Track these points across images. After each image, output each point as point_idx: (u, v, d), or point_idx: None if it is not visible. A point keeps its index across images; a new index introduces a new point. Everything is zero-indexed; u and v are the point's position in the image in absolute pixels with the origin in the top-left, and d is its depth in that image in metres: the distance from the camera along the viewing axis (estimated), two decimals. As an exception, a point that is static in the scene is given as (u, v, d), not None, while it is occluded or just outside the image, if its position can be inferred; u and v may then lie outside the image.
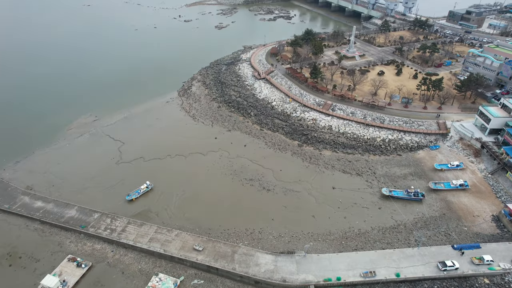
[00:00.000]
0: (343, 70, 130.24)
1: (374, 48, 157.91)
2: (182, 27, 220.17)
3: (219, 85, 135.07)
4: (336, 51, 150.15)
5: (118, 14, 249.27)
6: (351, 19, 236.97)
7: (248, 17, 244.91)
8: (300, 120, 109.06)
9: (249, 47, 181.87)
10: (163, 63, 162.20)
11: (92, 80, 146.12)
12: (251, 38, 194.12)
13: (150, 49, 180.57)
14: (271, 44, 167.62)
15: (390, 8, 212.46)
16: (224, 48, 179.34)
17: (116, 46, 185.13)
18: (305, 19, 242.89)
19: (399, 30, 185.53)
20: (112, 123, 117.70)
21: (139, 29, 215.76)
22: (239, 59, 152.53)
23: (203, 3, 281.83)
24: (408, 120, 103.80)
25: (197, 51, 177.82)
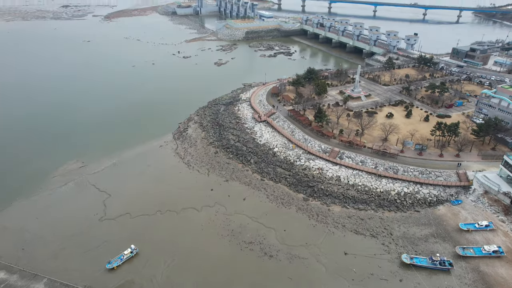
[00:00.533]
0: (349, 112, 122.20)
1: (379, 87, 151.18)
2: (180, 64, 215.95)
3: (217, 128, 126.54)
4: (340, 91, 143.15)
5: (117, 50, 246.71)
6: (352, 55, 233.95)
7: (248, 53, 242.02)
8: (305, 170, 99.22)
9: (249, 85, 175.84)
10: (159, 102, 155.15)
11: (82, 121, 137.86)
12: (251, 76, 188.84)
13: (146, 87, 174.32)
14: (271, 83, 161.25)
15: (392, 45, 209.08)
16: (223, 86, 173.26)
17: (110, 84, 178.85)
18: (305, 55, 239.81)
19: (403, 67, 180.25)
20: (100, 170, 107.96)
21: (137, 65, 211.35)
22: (238, 98, 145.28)
23: (203, 39, 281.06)
24: (424, 171, 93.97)
25: (195, 89, 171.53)
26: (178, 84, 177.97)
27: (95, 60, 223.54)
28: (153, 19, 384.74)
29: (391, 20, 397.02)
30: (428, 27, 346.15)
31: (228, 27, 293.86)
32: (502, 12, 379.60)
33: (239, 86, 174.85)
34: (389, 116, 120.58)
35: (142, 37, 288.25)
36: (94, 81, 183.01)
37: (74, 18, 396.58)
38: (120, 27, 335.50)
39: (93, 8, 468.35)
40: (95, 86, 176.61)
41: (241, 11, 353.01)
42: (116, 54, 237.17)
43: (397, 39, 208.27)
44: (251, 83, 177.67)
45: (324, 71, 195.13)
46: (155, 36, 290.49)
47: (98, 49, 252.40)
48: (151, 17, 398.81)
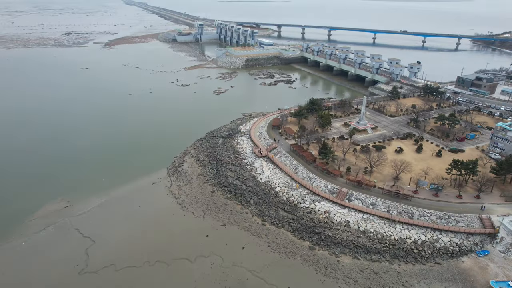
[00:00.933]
0: (356, 147, 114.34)
1: (386, 119, 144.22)
2: (179, 92, 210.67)
3: (215, 163, 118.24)
4: (345, 123, 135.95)
5: (114, 78, 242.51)
6: (354, 83, 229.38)
7: (248, 81, 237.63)
8: (310, 213, 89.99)
9: (249, 115, 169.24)
10: (155, 133, 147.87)
11: (71, 155, 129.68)
12: (251, 105, 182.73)
13: (142, 117, 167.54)
14: (272, 113, 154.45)
15: (395, 73, 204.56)
16: (222, 116, 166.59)
17: (104, 114, 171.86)
18: (306, 83, 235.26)
19: (408, 96, 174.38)
20: (86, 211, 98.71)
21: (134, 94, 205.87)
22: (237, 131, 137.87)
23: (202, 67, 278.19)
24: (443, 215, 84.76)
25: (193, 119, 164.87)
26: (175, 114, 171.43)
27: (91, 88, 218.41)
28: (153, 46, 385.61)
29: (391, 47, 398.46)
30: (428, 54, 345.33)
31: (228, 54, 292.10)
32: (500, 40, 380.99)
33: (238, 116, 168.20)
34: (398, 151, 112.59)
35: (141, 64, 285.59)
36: (87, 111, 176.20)
37: (75, 45, 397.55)
38: (119, 54, 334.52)
39: (95, 36, 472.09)
40: (87, 116, 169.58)
41: (241, 39, 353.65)
42: (113, 82, 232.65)
43: (400, 67, 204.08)
44: (251, 113, 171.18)
45: (326, 100, 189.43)
46: (154, 63, 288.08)
47: (96, 76, 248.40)
48: (151, 44, 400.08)
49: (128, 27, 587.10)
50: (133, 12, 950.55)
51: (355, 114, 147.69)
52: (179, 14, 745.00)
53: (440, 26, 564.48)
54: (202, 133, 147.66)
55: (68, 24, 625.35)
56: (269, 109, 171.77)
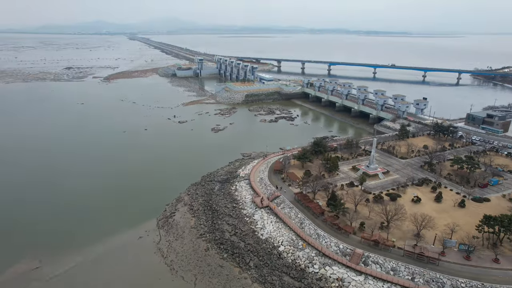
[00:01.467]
0: (368, 195, 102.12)
1: (396, 161, 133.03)
2: (175, 130, 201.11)
3: (210, 213, 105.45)
4: (353, 167, 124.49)
5: (109, 114, 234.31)
6: (358, 120, 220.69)
7: (247, 118, 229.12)
8: (320, 280, 76.13)
9: (249, 155, 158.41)
10: (146, 176, 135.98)
11: (46, 199, 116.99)
12: (251, 144, 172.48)
13: (134, 157, 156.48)
14: (274, 154, 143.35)
15: (401, 110, 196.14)
16: (220, 156, 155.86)
17: (93, 154, 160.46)
18: (308, 120, 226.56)
19: (418, 135, 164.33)
20: (57, 275, 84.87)
21: (128, 131, 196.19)
22: (236, 175, 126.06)
23: (201, 102, 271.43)
24: (481, 286, 71.03)
25: (189, 159, 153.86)
26: (170, 154, 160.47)
27: (84, 124, 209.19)
28: (152, 81, 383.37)
29: (391, 81, 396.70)
30: (430, 89, 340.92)
31: (228, 90, 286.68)
32: (501, 75, 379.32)
33: (237, 156, 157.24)
34: (416, 201, 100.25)
35: (139, 99, 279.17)
36: (74, 150, 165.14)
37: (74, 79, 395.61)
38: (117, 89, 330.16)
39: (95, 70, 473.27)
40: (72, 156, 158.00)
41: (241, 74, 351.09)
42: (108, 118, 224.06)
43: (406, 104, 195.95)
44: (250, 153, 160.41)
45: (330, 139, 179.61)
46: (152, 98, 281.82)
47: (90, 112, 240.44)
48: (150, 79, 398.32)
49: (129, 61, 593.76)
50: (135, 47, 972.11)
51: (364, 156, 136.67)
52: (180, 49, 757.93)
53: (437, 61, 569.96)
54: (198, 176, 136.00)
55: (70, 58, 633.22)
56: (270, 149, 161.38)
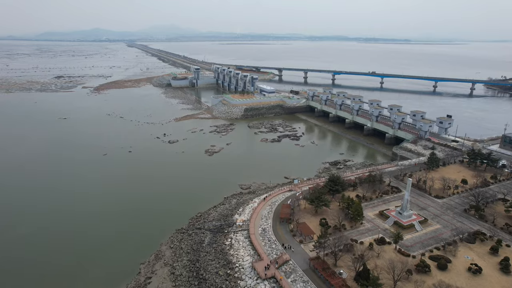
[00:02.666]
0: (407, 260, 75.71)
1: (431, 201, 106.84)
2: (164, 151, 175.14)
3: (196, 283, 78.99)
4: (380, 212, 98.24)
5: (92, 131, 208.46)
6: (372, 139, 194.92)
7: (246, 137, 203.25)
8: None
9: (248, 187, 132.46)
10: (119, 219, 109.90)
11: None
12: (251, 171, 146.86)
13: (109, 191, 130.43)
14: (279, 191, 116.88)
15: (423, 130, 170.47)
16: (214, 188, 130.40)
17: (59, 188, 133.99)
18: (314, 138, 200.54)
19: (449, 163, 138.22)
20: None
21: (109, 153, 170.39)
22: (231, 221, 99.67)
23: (195, 117, 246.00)
24: None
25: (176, 193, 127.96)
26: (154, 185, 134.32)
27: (58, 145, 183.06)
28: (145, 91, 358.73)
29: (400, 92, 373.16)
30: (444, 101, 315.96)
31: (225, 103, 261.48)
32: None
33: (234, 188, 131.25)
34: (474, 272, 73.81)
35: (127, 113, 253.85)
36: (36, 183, 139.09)
37: (62, 90, 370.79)
38: (106, 101, 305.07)
39: (86, 79, 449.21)
40: (35, 190, 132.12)
41: (240, 85, 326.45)
42: (89, 137, 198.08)
43: (429, 123, 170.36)
44: (250, 185, 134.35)
45: (343, 165, 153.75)
46: (142, 112, 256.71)
47: (71, 129, 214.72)
48: (143, 89, 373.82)
49: (124, 70, 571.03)
50: (133, 55, 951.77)
51: (390, 194, 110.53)
52: (178, 57, 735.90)
53: (446, 70, 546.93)
54: (185, 217, 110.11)
55: (63, 67, 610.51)
56: (273, 178, 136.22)
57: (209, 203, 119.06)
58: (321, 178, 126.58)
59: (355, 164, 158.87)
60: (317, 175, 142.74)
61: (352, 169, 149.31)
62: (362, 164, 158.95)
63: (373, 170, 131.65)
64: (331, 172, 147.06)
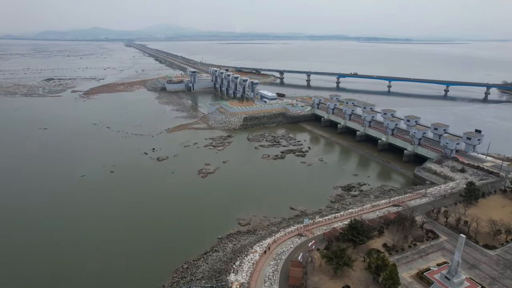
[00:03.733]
0: None
1: (481, 254, 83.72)
2: (150, 172, 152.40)
3: None
4: (419, 273, 75.29)
5: (72, 145, 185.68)
6: (387, 156, 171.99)
7: (246, 153, 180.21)
8: None
9: (247, 223, 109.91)
10: (79, 271, 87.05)
11: None
12: (250, 199, 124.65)
13: (79, 229, 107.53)
14: (287, 236, 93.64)
15: (449, 148, 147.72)
16: (206, 222, 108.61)
17: (19, 219, 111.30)
18: (323, 155, 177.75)
19: (488, 194, 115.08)
20: None
21: (88, 175, 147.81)
22: (225, 285, 76.67)
23: (189, 127, 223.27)
24: None
25: (159, 232, 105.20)
26: (133, 221, 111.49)
27: (33, 161, 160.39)
28: (137, 96, 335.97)
29: (409, 96, 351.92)
30: (458, 108, 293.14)
31: (223, 111, 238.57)
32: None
33: (230, 224, 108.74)
34: None
35: (115, 122, 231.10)
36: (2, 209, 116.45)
37: (49, 94, 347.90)
38: (95, 108, 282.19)
39: (78, 82, 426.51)
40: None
41: (239, 90, 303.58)
42: (68, 152, 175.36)
43: (457, 140, 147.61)
44: (250, 220, 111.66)
45: (358, 189, 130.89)
46: (131, 121, 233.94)
47: (49, 142, 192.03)
48: (136, 93, 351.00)
49: (118, 71, 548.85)
50: (129, 55, 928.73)
51: (425, 241, 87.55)
52: (175, 58, 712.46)
53: (456, 71, 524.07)
54: (168, 269, 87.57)
55: (55, 68, 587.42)
56: (278, 210, 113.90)
57: (200, 246, 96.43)
58: (336, 215, 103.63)
59: (372, 189, 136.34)
60: (329, 206, 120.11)
61: (370, 197, 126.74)
62: (380, 189, 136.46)
63: (398, 204, 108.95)
64: (346, 201, 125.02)
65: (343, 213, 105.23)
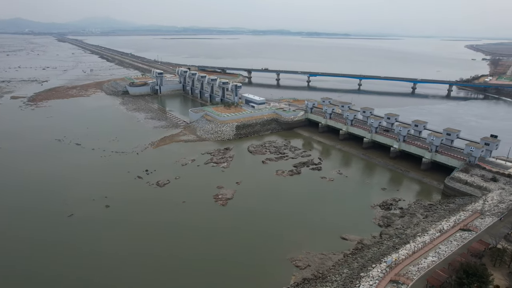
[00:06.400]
0: None
1: None
2: (156, 203, 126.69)
3: None
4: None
5: (38, 169, 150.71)
6: (402, 164, 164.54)
7: (255, 169, 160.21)
8: None
9: (306, 265, 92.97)
10: None
11: None
12: (291, 230, 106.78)
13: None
14: (383, 284, 78.21)
15: (474, 155, 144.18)
16: (260, 274, 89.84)
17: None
18: (337, 166, 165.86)
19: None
20: None
21: (77, 213, 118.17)
22: None
23: (177, 139, 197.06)
24: None
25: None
26: (152, 278, 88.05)
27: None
28: (98, 102, 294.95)
29: (379, 94, 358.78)
30: (436, 107, 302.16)
31: (210, 119, 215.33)
32: (496, 86, 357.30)
33: (287, 268, 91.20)
34: None
35: (85, 137, 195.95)
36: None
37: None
38: (50, 118, 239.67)
39: (15, 85, 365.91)
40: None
41: (216, 93, 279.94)
42: (36, 181, 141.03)
43: (482, 148, 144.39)
44: (307, 260, 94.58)
45: (409, 217, 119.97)
46: (104, 135, 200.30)
47: (8, 168, 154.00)
48: (95, 99, 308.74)
49: (62, 71, 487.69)
50: (67, 52, 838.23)
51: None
52: (125, 55, 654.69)
53: (398, 67, 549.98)
54: None
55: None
56: (326, 241, 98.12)
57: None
58: (410, 247, 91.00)
59: (411, 206, 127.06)
60: (385, 233, 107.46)
61: (418, 216, 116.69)
62: (419, 204, 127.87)
63: (467, 228, 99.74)
64: (395, 223, 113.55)
65: (416, 245, 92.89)
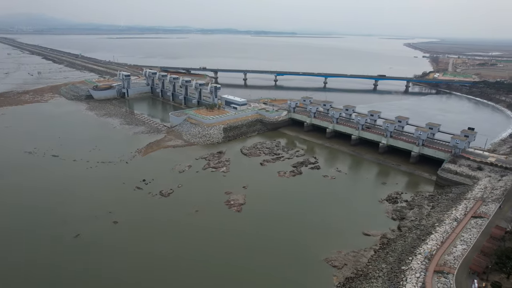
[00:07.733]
0: None
1: None
2: (167, 214, 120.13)
3: None
4: None
5: (23, 187, 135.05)
6: (392, 158, 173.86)
7: (256, 171, 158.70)
8: None
9: (344, 263, 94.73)
10: None
11: None
12: (314, 231, 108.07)
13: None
14: (429, 276, 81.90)
15: (459, 147, 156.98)
16: (301, 279, 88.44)
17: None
18: (332, 163, 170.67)
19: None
20: None
21: (83, 232, 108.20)
22: None
23: (164, 145, 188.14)
24: None
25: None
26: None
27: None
28: (59, 108, 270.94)
29: (344, 91, 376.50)
30: (402, 102, 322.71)
31: (195, 122, 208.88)
32: (446, 82, 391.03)
33: (324, 268, 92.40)
34: None
35: (60, 148, 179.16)
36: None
37: None
38: (8, 128, 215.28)
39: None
40: None
41: (192, 95, 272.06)
42: (26, 201, 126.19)
43: (466, 140, 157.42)
44: (342, 259, 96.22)
45: (418, 209, 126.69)
46: (81, 144, 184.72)
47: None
48: (54, 105, 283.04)
49: (3, 75, 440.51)
50: (1, 52, 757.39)
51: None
52: (73, 56, 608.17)
53: (355, 64, 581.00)
54: None
55: None
56: (355, 241, 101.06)
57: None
58: (437, 237, 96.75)
59: (414, 198, 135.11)
60: (404, 226, 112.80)
61: (425, 207, 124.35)
62: (421, 196, 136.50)
63: (479, 215, 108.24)
64: (408, 216, 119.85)
65: (441, 235, 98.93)
